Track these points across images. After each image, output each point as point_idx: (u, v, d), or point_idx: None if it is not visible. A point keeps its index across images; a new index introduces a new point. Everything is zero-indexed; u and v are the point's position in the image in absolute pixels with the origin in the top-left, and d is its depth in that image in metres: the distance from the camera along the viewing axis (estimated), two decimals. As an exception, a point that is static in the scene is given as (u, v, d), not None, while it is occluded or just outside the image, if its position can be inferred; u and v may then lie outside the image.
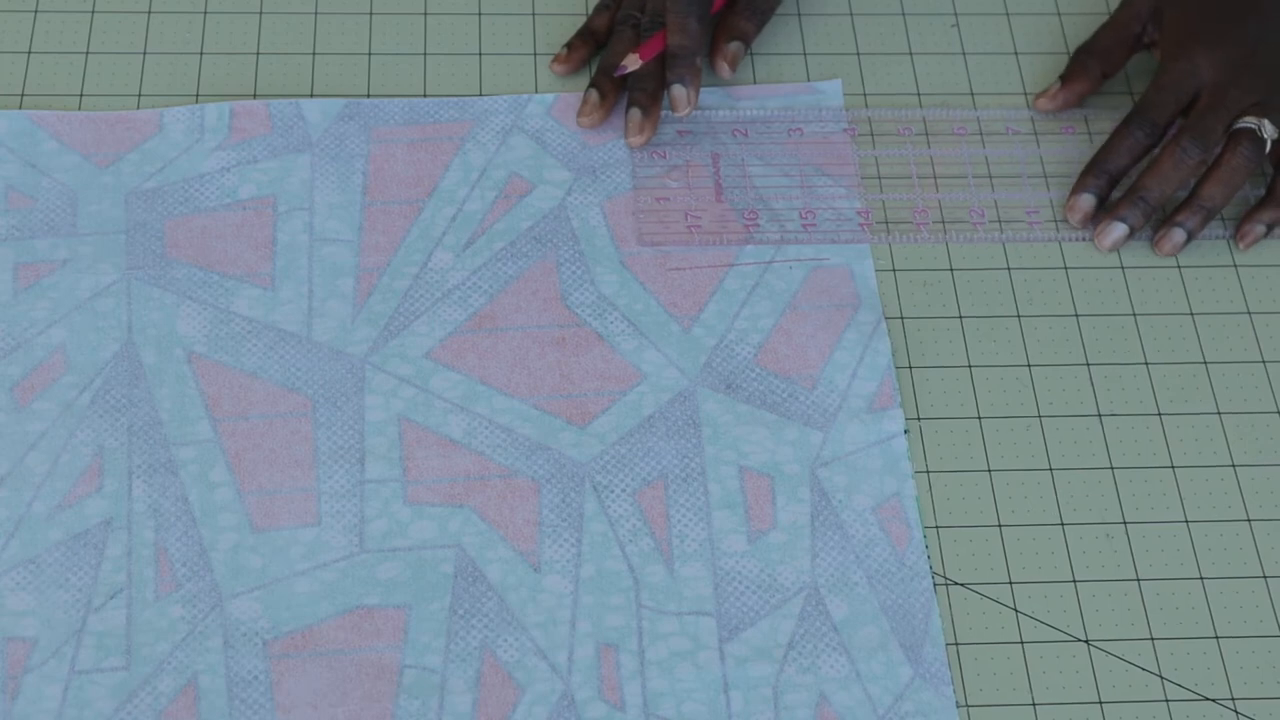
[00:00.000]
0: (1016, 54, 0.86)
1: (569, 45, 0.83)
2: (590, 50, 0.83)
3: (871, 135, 0.82)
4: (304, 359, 0.73)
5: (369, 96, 0.81)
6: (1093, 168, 0.79)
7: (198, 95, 0.80)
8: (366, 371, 0.73)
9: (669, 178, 0.78)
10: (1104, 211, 0.79)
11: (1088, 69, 0.82)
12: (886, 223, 0.79)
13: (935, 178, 0.81)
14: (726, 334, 0.75)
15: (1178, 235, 0.78)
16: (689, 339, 0.75)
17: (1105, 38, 0.83)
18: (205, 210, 0.76)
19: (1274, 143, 0.78)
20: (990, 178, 0.81)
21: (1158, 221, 0.80)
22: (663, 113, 0.81)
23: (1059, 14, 0.88)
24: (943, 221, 0.79)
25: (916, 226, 0.79)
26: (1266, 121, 0.77)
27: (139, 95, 0.80)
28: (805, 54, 0.84)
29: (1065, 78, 0.83)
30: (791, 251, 0.78)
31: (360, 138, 0.79)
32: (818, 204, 0.79)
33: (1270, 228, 0.79)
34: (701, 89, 0.82)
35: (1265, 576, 0.70)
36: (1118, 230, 0.77)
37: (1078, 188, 0.79)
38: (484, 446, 0.71)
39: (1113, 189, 0.79)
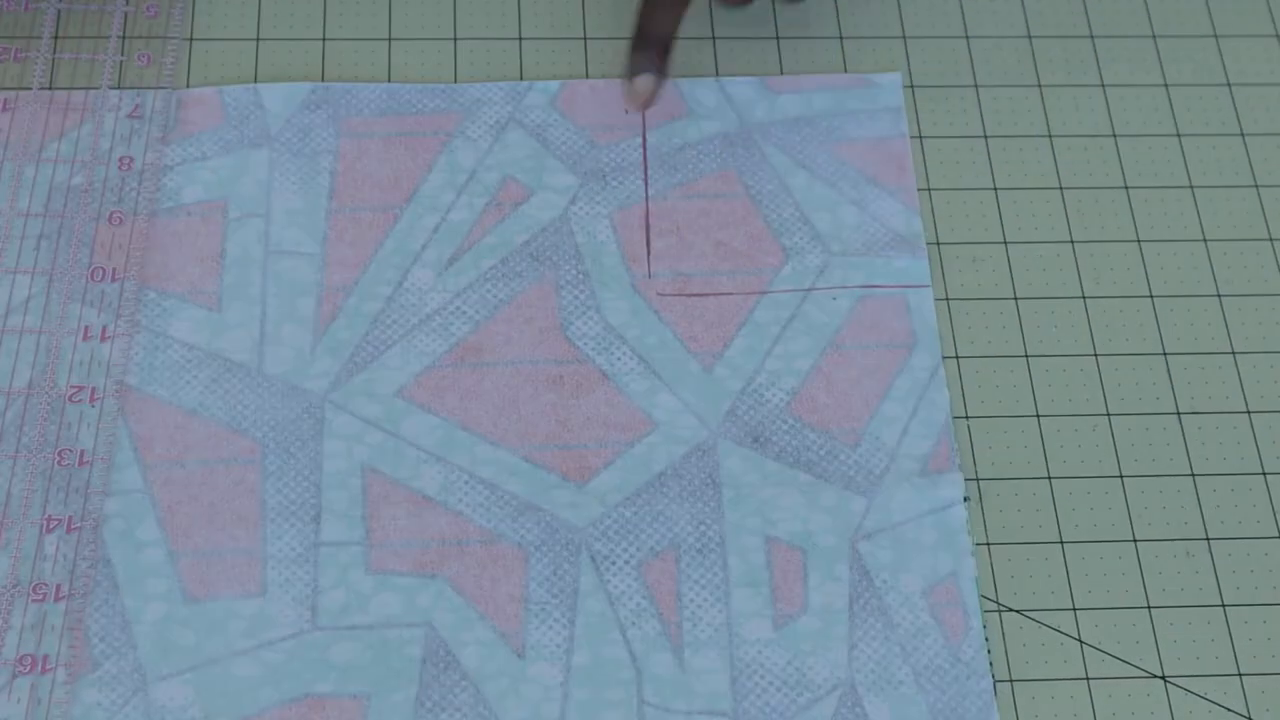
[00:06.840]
0: (1092, 37, 0.84)
1: None
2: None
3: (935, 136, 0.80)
4: (252, 395, 0.70)
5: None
6: (641, 43, 0.76)
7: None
8: (326, 411, 0.70)
9: (692, 189, 0.76)
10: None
11: None
12: (938, 245, 0.76)
13: (995, 189, 0.78)
14: (755, 376, 0.72)
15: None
16: (710, 381, 0.71)
17: None
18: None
19: None
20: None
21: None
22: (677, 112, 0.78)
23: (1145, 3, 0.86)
24: (1004, 241, 0.76)
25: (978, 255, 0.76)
26: None
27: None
28: (841, 38, 0.82)
29: None
30: (836, 277, 0.74)
31: (328, 130, 0.76)
32: (869, 222, 0.76)
33: None
34: (732, 79, 0.79)
35: (1371, 602, 0.69)
36: (643, 84, 0.75)
37: (634, 70, 0.76)
38: (463, 505, 0.68)
39: (666, 59, 0.76)
